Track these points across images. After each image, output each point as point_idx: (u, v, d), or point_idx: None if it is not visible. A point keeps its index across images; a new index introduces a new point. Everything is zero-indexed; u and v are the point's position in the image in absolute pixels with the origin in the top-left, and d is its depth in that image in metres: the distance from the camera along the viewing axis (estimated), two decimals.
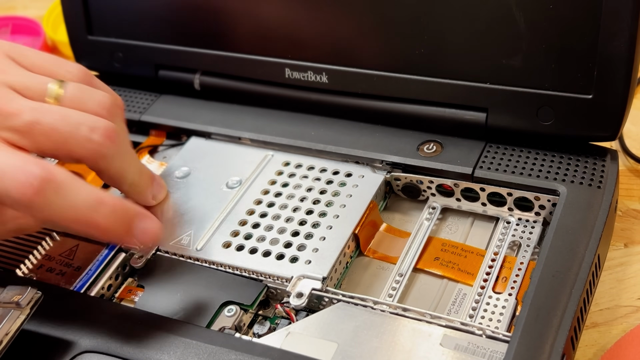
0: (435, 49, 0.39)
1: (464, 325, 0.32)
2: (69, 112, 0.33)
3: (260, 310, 0.36)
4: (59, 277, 0.37)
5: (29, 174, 0.30)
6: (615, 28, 0.34)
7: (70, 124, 0.33)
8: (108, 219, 0.31)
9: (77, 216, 0.31)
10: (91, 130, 0.33)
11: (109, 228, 0.31)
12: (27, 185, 0.30)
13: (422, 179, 0.39)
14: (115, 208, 0.32)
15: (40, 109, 0.33)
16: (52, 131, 0.32)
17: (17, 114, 0.32)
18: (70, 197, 0.30)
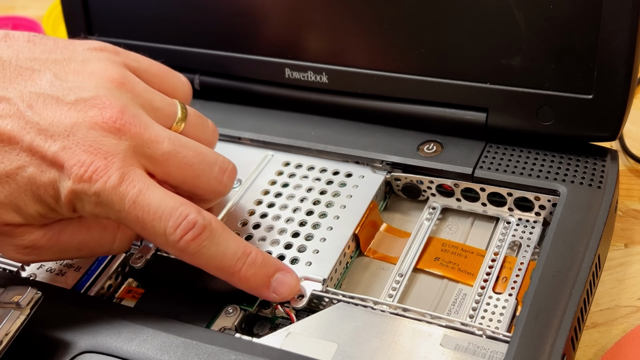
0: (435, 49, 0.39)
1: (464, 326, 0.32)
2: (204, 149, 0.34)
3: (260, 310, 0.36)
4: (59, 277, 0.37)
5: (190, 220, 0.31)
6: (615, 28, 0.34)
7: (205, 163, 0.34)
8: (250, 271, 0.33)
9: (224, 265, 0.32)
10: (222, 172, 0.35)
11: (250, 279, 0.33)
12: (186, 230, 0.31)
13: (422, 179, 0.39)
14: (257, 261, 0.33)
15: (178, 141, 0.33)
16: (187, 166, 0.33)
17: (156, 142, 0.32)
18: (222, 247, 0.32)
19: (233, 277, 0.33)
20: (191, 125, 0.36)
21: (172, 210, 0.31)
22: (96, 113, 0.32)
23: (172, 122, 0.35)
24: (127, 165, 0.31)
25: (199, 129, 0.36)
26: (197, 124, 0.36)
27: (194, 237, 0.31)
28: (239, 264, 0.32)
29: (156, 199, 0.31)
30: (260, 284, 0.33)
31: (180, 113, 0.35)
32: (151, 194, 0.31)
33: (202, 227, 0.31)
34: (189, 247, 0.31)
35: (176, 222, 0.31)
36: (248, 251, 0.33)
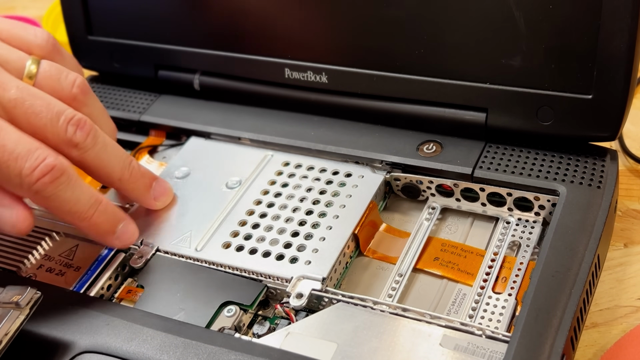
0: (435, 49, 0.39)
1: (464, 326, 0.32)
2: (52, 100, 0.34)
3: (259, 310, 0.36)
4: (58, 277, 0.37)
5: (49, 162, 0.31)
6: (615, 28, 0.34)
7: (52, 112, 0.34)
8: (101, 217, 0.35)
9: (77, 210, 0.34)
10: (67, 121, 0.34)
11: (99, 225, 0.35)
12: (44, 172, 0.31)
13: (421, 179, 0.39)
14: (108, 209, 0.35)
15: (27, 90, 0.33)
16: (34, 115, 0.33)
17: (3, 88, 0.33)
18: (77, 192, 0.33)
19: (83, 222, 0.34)
20: (44, 79, 0.35)
21: (29, 152, 0.31)
22: None
23: (22, 74, 0.35)
24: None
25: (54, 83, 0.36)
26: (50, 77, 0.36)
27: (52, 180, 0.32)
28: (92, 210, 0.34)
29: (12, 139, 0.31)
30: (107, 231, 0.35)
31: (31, 67, 0.35)
32: (6, 135, 0.31)
33: (60, 171, 0.32)
34: (45, 190, 0.32)
35: (33, 164, 0.31)
36: (100, 199, 0.34)
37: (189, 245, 0.38)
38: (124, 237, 0.36)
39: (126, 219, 0.36)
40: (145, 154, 0.46)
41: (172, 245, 0.38)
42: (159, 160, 0.45)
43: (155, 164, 0.45)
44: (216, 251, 0.37)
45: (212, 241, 0.38)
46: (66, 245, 0.39)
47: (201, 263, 0.37)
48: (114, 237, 0.36)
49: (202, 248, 0.37)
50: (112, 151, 0.36)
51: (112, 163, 0.36)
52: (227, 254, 0.37)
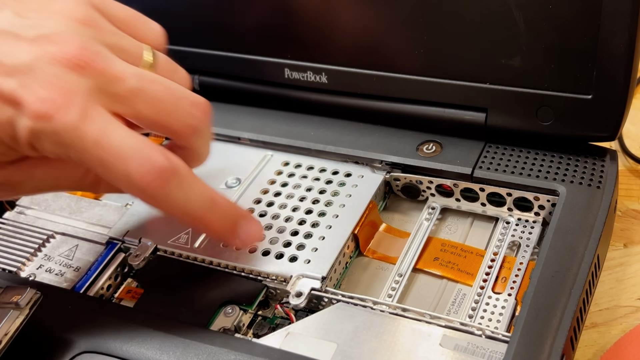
0: (435, 49, 0.39)
1: (464, 326, 0.32)
2: (173, 84, 0.32)
3: (259, 310, 0.36)
4: (58, 277, 0.37)
5: (156, 164, 0.29)
6: (615, 28, 0.34)
7: (174, 96, 0.31)
8: (218, 218, 0.32)
9: (192, 211, 0.31)
10: (193, 105, 0.32)
11: (217, 226, 0.32)
12: (153, 175, 0.29)
13: (421, 179, 0.39)
14: (225, 208, 0.32)
15: (145, 77, 0.31)
16: (156, 101, 0.31)
17: (121, 79, 0.30)
18: (189, 193, 0.31)
19: (198, 222, 0.32)
20: (161, 70, 0.34)
21: (137, 152, 0.29)
22: (56, 49, 0.30)
23: (139, 64, 0.33)
24: (89, 103, 0.29)
25: (170, 74, 0.34)
26: (167, 69, 0.34)
27: (160, 181, 0.30)
28: (205, 209, 0.32)
29: (119, 138, 0.29)
30: (227, 230, 0.33)
31: (148, 57, 0.33)
32: (114, 133, 0.29)
33: (169, 171, 0.30)
34: (154, 192, 0.30)
35: (141, 164, 0.29)
36: (214, 197, 0.32)
37: (188, 243, 0.38)
38: (245, 236, 0.33)
39: (245, 216, 0.34)
40: None
41: (170, 243, 0.38)
42: None
43: None
44: (215, 250, 0.37)
45: (212, 240, 0.38)
46: (66, 245, 0.39)
47: (200, 262, 0.37)
48: (235, 236, 0.33)
49: (201, 246, 0.37)
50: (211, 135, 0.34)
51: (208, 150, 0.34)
52: (227, 252, 0.37)
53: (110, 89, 0.30)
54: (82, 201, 0.42)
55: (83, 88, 0.29)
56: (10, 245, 0.39)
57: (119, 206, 0.41)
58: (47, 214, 0.41)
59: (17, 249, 0.39)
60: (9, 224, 0.41)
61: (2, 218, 0.42)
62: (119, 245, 0.39)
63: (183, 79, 0.35)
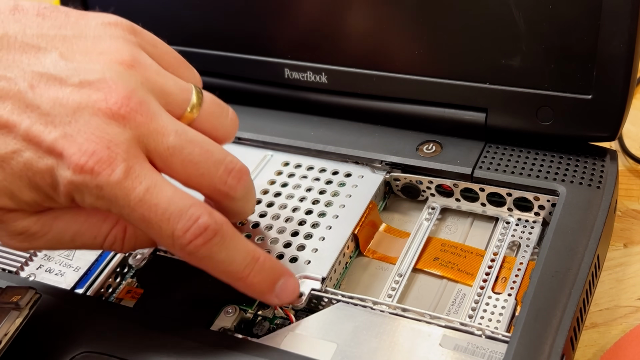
0: (434, 49, 0.39)
1: (464, 326, 0.32)
2: (212, 147, 0.31)
3: (259, 310, 0.36)
4: (58, 277, 0.37)
5: (201, 223, 0.29)
6: (615, 28, 0.34)
7: (210, 161, 0.31)
8: (257, 277, 0.31)
9: (232, 271, 0.31)
10: (227, 173, 0.31)
11: (255, 285, 0.32)
12: (197, 234, 0.29)
13: (421, 179, 0.39)
14: (265, 266, 0.32)
15: (186, 136, 0.30)
16: (191, 164, 0.30)
17: (162, 134, 0.30)
18: (231, 252, 0.30)
19: (239, 282, 0.31)
20: (207, 114, 0.32)
21: (181, 212, 0.29)
22: (100, 97, 0.29)
23: (185, 109, 0.32)
24: (132, 157, 0.29)
25: (215, 118, 0.33)
26: (213, 112, 0.33)
27: (205, 242, 0.29)
28: (247, 270, 0.31)
29: (165, 197, 0.29)
30: (266, 290, 0.32)
31: (195, 98, 0.32)
32: (160, 192, 0.29)
33: (214, 232, 0.29)
34: (198, 252, 0.29)
35: (186, 225, 0.29)
36: (257, 257, 0.31)
37: None
38: (283, 295, 0.32)
39: (285, 275, 0.33)
40: None
41: None
42: None
43: None
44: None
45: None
46: None
47: None
48: (273, 295, 0.32)
49: None
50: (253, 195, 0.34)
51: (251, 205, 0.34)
52: None
53: (151, 143, 0.30)
54: None
55: (125, 140, 0.29)
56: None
57: None
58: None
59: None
60: None
61: None
62: None
63: (231, 121, 0.34)
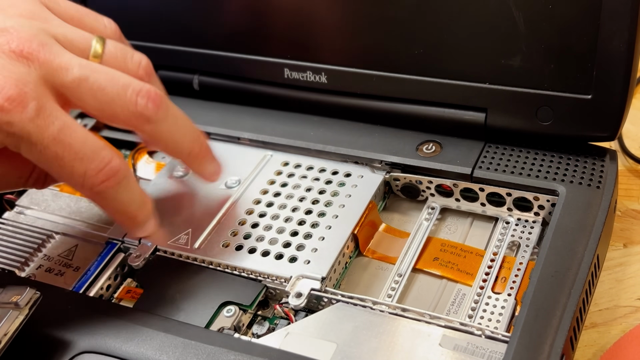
0: (434, 49, 0.39)
1: (463, 326, 0.32)
2: (116, 73, 0.33)
3: (259, 310, 0.36)
4: (57, 277, 0.37)
5: (114, 166, 0.31)
6: (615, 28, 0.34)
7: (117, 85, 0.32)
8: (144, 217, 0.34)
9: (127, 210, 0.33)
10: (137, 94, 0.33)
11: (139, 223, 0.34)
12: (109, 175, 0.31)
13: (421, 179, 0.39)
14: (149, 208, 0.35)
15: (89, 66, 0.32)
16: (99, 91, 0.32)
17: (66, 69, 0.31)
18: (130, 194, 0.33)
19: (129, 220, 0.34)
20: (110, 59, 0.34)
21: (94, 153, 0.31)
22: (3, 41, 0.31)
23: (87, 55, 0.33)
24: (42, 95, 0.30)
25: (120, 61, 0.34)
26: (116, 58, 0.34)
27: (114, 184, 0.31)
28: (139, 212, 0.34)
29: (79, 138, 0.31)
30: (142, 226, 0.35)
31: (96, 46, 0.34)
32: (73, 132, 0.31)
33: (123, 174, 0.32)
34: (105, 192, 0.32)
35: (99, 166, 0.31)
36: (146, 200, 0.34)
37: (188, 244, 0.38)
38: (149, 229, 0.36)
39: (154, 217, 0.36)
40: (144, 154, 0.46)
41: (170, 244, 0.38)
42: (158, 160, 0.45)
43: (154, 164, 0.45)
44: (215, 250, 0.37)
45: (211, 240, 0.38)
46: (65, 245, 0.39)
47: (200, 262, 0.37)
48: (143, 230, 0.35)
49: (201, 247, 0.37)
50: (183, 124, 0.35)
51: (183, 136, 0.35)
52: (226, 253, 0.37)
53: (56, 79, 0.31)
54: (82, 201, 0.42)
55: (32, 79, 0.30)
56: (10, 245, 0.40)
57: None
58: (47, 214, 0.41)
59: (16, 249, 0.39)
60: (9, 224, 0.41)
61: (1, 218, 0.42)
62: (119, 245, 0.39)
63: (137, 63, 0.35)
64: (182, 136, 0.35)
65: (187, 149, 0.36)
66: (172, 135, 0.35)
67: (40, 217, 0.41)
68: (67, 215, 0.41)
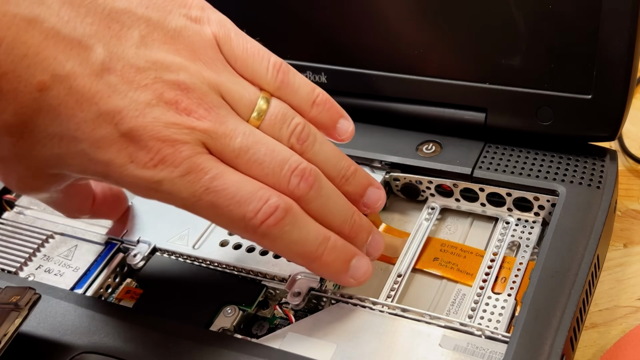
0: (434, 49, 0.39)
1: (463, 326, 0.32)
2: (278, 147, 0.31)
3: (259, 310, 0.36)
4: (57, 277, 0.37)
5: (272, 203, 0.29)
6: (615, 28, 0.34)
7: (276, 161, 0.31)
8: (331, 256, 0.31)
9: (305, 251, 0.31)
10: (292, 172, 0.31)
11: (330, 264, 0.32)
12: (268, 214, 0.29)
13: (421, 179, 0.39)
14: (337, 245, 0.32)
15: (252, 137, 0.31)
16: (256, 164, 0.30)
17: (230, 137, 0.30)
18: (303, 232, 0.30)
19: (314, 262, 0.31)
20: (271, 120, 0.32)
21: (251, 194, 0.29)
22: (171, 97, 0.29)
23: (249, 116, 0.31)
24: (196, 153, 0.29)
25: (279, 124, 0.32)
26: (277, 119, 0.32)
27: (276, 222, 0.29)
28: (321, 249, 0.31)
29: (233, 182, 0.29)
30: (341, 269, 0.32)
31: (263, 105, 0.32)
32: (227, 178, 0.29)
33: (284, 211, 0.30)
34: (271, 232, 0.30)
35: (257, 206, 0.29)
36: (328, 236, 0.31)
37: (186, 243, 0.38)
38: (358, 274, 0.32)
39: (358, 254, 0.33)
40: None
41: (169, 243, 0.38)
42: None
43: None
44: (213, 249, 0.37)
45: (210, 239, 0.38)
46: (65, 245, 0.39)
47: (198, 261, 0.37)
48: (348, 275, 0.32)
49: (200, 246, 0.37)
50: (335, 202, 0.33)
51: (333, 215, 0.32)
52: (225, 252, 0.37)
53: (217, 145, 0.30)
54: None
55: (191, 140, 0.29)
56: (9, 245, 0.39)
57: None
58: (46, 214, 0.41)
59: (16, 249, 0.39)
60: (8, 224, 0.41)
61: (1, 218, 0.42)
62: (118, 245, 0.39)
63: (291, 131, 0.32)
64: (332, 215, 0.32)
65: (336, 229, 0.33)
66: (322, 214, 0.32)
67: (40, 217, 0.41)
68: None
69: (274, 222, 0.29)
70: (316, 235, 0.31)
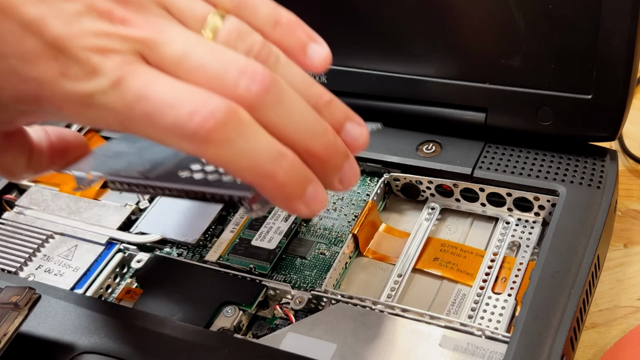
0: (434, 49, 0.39)
1: (463, 326, 0.32)
2: (222, 49, 0.27)
3: (259, 311, 0.36)
4: (57, 277, 0.37)
5: (209, 105, 0.25)
6: (615, 28, 0.34)
7: (221, 62, 0.26)
8: (287, 174, 0.26)
9: (256, 164, 0.26)
10: (240, 73, 0.26)
11: (285, 184, 0.26)
12: (207, 117, 0.25)
13: (421, 179, 0.39)
14: (295, 164, 0.27)
15: (192, 41, 0.27)
16: (199, 68, 0.26)
17: (166, 43, 0.26)
18: (251, 142, 0.26)
19: (266, 181, 0.26)
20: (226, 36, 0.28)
21: (187, 96, 0.25)
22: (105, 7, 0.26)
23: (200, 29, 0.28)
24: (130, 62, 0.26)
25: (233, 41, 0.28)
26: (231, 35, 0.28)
27: (217, 126, 0.25)
28: (275, 165, 0.26)
29: (168, 86, 0.26)
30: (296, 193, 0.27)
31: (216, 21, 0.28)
32: (162, 82, 0.26)
33: (227, 114, 0.25)
34: (212, 138, 0.25)
35: (192, 107, 0.25)
36: (284, 152, 0.26)
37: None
38: (313, 204, 0.27)
39: (315, 180, 0.27)
40: None
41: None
42: None
43: None
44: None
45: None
46: (65, 245, 0.39)
47: (199, 262, 0.37)
48: (301, 201, 0.27)
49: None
50: (302, 114, 0.27)
51: (299, 129, 0.27)
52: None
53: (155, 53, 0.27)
54: (82, 201, 0.42)
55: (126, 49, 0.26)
56: (9, 245, 0.39)
57: (118, 206, 0.41)
58: (47, 214, 0.41)
59: (16, 249, 0.39)
60: (8, 224, 0.41)
61: (1, 218, 0.42)
62: (118, 245, 0.39)
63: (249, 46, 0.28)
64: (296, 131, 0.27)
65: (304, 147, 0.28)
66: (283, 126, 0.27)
67: (40, 217, 0.41)
68: (67, 215, 0.41)
69: (213, 125, 0.25)
70: (269, 148, 0.26)
